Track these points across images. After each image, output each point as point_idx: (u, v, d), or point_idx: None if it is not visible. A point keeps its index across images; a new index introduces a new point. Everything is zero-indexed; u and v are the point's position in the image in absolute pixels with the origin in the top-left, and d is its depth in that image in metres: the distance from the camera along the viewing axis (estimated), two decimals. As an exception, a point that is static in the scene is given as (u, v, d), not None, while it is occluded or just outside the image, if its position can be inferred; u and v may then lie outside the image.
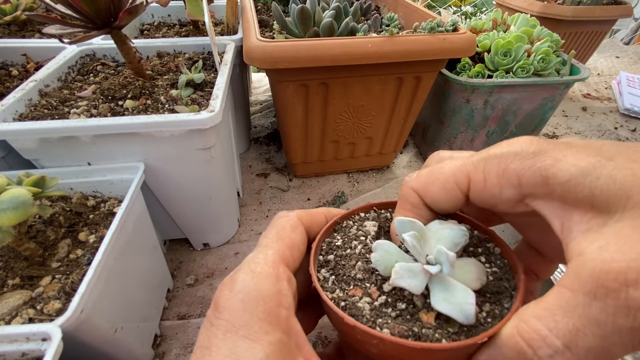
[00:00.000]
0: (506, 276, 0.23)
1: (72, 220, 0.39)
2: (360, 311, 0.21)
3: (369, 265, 0.24)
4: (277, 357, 0.17)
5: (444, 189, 0.22)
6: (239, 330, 0.17)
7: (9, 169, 0.46)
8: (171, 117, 0.39)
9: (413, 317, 0.21)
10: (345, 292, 0.22)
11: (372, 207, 0.28)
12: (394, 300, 0.22)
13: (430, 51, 0.53)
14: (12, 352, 0.27)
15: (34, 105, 0.44)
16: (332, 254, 0.25)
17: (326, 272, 0.24)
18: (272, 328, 0.18)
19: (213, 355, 0.17)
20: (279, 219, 0.25)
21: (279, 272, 0.20)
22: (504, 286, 0.22)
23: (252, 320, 0.18)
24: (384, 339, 0.19)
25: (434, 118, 0.75)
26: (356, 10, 0.60)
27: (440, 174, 0.23)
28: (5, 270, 0.34)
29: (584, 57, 1.07)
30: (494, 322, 0.20)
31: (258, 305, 0.18)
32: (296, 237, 0.23)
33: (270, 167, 0.78)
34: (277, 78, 0.54)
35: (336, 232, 0.27)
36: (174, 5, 0.75)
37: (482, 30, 0.76)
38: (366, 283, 0.23)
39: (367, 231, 0.27)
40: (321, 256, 0.25)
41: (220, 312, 0.18)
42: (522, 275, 0.22)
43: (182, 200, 0.50)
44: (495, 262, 0.24)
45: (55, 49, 0.56)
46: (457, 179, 0.22)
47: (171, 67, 0.54)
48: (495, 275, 0.23)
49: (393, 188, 0.74)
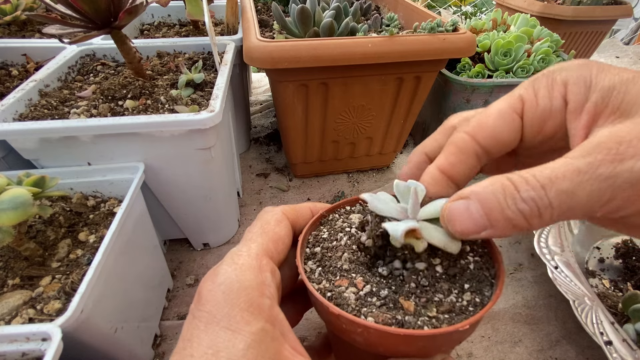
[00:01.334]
0: (487, 265, 0.24)
1: (72, 220, 0.39)
2: (345, 300, 0.21)
3: (355, 256, 0.24)
4: (259, 346, 0.17)
5: (502, 118, 0.22)
6: (220, 321, 0.18)
7: (9, 169, 0.46)
8: (171, 117, 0.39)
9: (396, 306, 0.21)
10: (331, 283, 0.23)
11: (357, 200, 0.29)
12: (378, 289, 0.22)
13: (430, 51, 0.53)
14: (12, 352, 0.27)
15: (34, 105, 0.44)
16: (319, 246, 0.26)
17: (313, 264, 0.25)
18: (254, 318, 0.18)
19: (194, 347, 0.17)
20: (265, 213, 0.25)
21: (261, 263, 0.21)
22: (485, 275, 0.23)
23: (234, 311, 0.18)
24: (368, 326, 0.19)
25: (434, 118, 0.74)
26: (356, 10, 0.60)
27: (493, 108, 0.23)
28: (5, 270, 0.34)
29: (584, 57, 1.07)
30: (475, 310, 0.21)
31: (240, 296, 0.18)
32: (280, 230, 0.24)
33: (270, 167, 0.78)
34: (277, 78, 0.54)
35: (322, 225, 0.27)
36: (174, 5, 0.75)
37: (482, 30, 0.76)
38: (352, 273, 0.23)
39: (353, 223, 0.27)
40: (308, 249, 0.26)
41: (203, 304, 0.18)
42: (502, 264, 0.23)
43: (182, 200, 0.50)
44: (477, 250, 0.25)
45: (55, 49, 0.56)
46: (512, 104, 0.22)
47: (171, 67, 0.54)
48: (477, 265, 0.23)
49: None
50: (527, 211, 0.17)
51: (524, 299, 0.53)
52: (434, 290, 0.22)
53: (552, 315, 0.51)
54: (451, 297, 0.21)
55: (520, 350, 0.47)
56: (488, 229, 0.19)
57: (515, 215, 0.18)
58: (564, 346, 0.47)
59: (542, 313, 0.51)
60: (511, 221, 0.18)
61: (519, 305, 0.52)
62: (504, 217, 0.18)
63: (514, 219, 0.18)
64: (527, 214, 0.17)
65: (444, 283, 0.22)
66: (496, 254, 0.24)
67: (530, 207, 0.17)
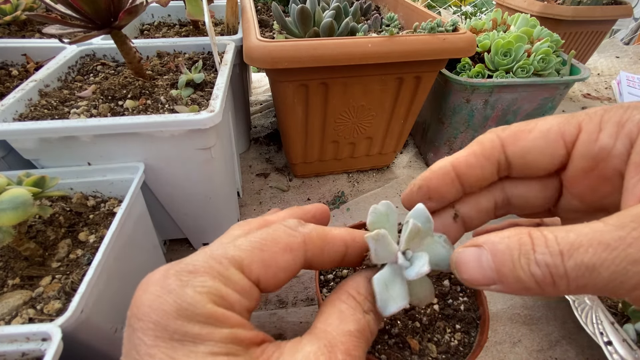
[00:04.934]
0: (473, 307, 0.26)
1: (72, 220, 0.39)
2: None
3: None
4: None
5: (544, 138, 0.19)
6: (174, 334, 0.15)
7: (9, 169, 0.46)
8: (171, 117, 0.39)
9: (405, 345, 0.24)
10: None
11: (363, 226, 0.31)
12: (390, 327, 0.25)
13: (430, 51, 0.53)
14: (12, 352, 0.27)
15: (34, 105, 0.44)
16: (332, 273, 0.28)
17: (327, 291, 0.26)
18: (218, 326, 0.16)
19: None
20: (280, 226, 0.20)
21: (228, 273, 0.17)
22: (472, 317, 0.26)
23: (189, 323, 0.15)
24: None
25: (434, 118, 0.75)
26: (356, 10, 0.60)
27: (540, 124, 0.20)
28: (5, 270, 0.34)
29: (584, 57, 1.07)
30: (465, 351, 0.23)
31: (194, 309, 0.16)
32: (283, 262, 0.18)
33: (270, 167, 0.78)
34: (277, 78, 0.54)
35: None
36: (174, 5, 0.75)
37: (482, 30, 0.76)
38: None
39: None
40: (322, 276, 0.27)
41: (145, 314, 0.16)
42: (487, 308, 0.25)
43: (182, 200, 0.50)
44: (465, 290, 0.28)
45: (55, 49, 0.56)
46: (563, 128, 0.19)
47: (171, 67, 0.54)
48: (466, 305, 0.26)
49: (393, 188, 0.74)
50: (540, 277, 0.15)
51: (522, 299, 0.53)
52: (432, 330, 0.25)
53: (552, 315, 0.51)
54: (446, 337, 0.24)
55: (519, 350, 0.47)
56: (497, 284, 0.17)
57: (527, 278, 0.15)
58: (563, 346, 0.47)
59: (540, 313, 0.51)
60: (522, 283, 0.16)
61: (517, 306, 0.52)
62: (515, 276, 0.16)
63: (525, 282, 0.15)
64: (539, 279, 0.15)
65: (440, 322, 0.25)
66: (482, 298, 0.26)
67: (543, 274, 0.15)
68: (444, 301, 0.25)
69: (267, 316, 0.51)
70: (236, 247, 0.18)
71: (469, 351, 0.22)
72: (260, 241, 0.18)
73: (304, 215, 0.23)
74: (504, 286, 0.16)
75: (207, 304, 0.16)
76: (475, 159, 0.20)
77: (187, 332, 0.15)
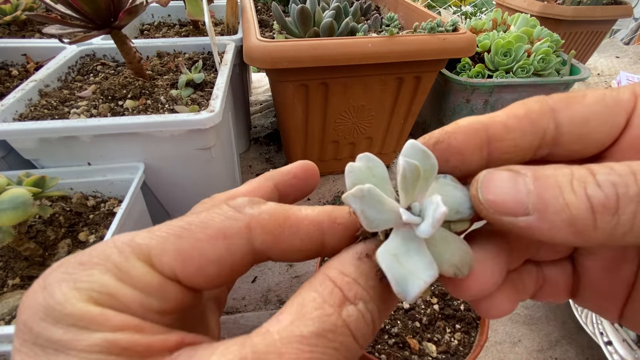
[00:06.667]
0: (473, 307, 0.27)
1: (72, 220, 0.39)
2: None
3: None
4: None
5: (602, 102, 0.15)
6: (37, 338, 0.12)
7: (9, 169, 0.46)
8: (171, 117, 0.39)
9: (404, 345, 0.24)
10: None
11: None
12: (390, 326, 0.25)
13: (430, 51, 0.53)
14: (12, 352, 0.27)
15: (34, 105, 0.44)
16: None
17: None
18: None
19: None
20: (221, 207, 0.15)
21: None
22: (472, 317, 0.26)
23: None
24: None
25: (434, 118, 0.75)
26: (356, 10, 0.60)
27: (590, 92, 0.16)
28: (5, 270, 0.34)
29: (584, 57, 1.07)
30: (465, 351, 0.23)
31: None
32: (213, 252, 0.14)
33: (270, 167, 0.78)
34: (277, 78, 0.54)
35: None
36: (174, 5, 0.75)
37: (482, 30, 0.76)
38: None
39: None
40: None
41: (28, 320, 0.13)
42: None
43: (182, 200, 0.50)
44: None
45: (55, 49, 0.56)
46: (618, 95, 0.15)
47: (171, 67, 0.54)
48: (465, 305, 0.26)
49: (393, 188, 0.74)
50: (600, 198, 0.12)
51: (523, 299, 0.53)
52: (432, 329, 0.25)
53: (551, 315, 0.51)
54: (446, 337, 0.24)
55: (519, 350, 0.47)
56: (530, 214, 0.13)
57: (578, 202, 0.12)
58: (563, 346, 0.47)
59: (540, 313, 0.51)
60: (569, 210, 0.12)
61: (517, 306, 0.52)
62: (560, 203, 0.12)
63: (574, 208, 0.12)
64: (596, 202, 0.12)
65: (440, 322, 0.25)
66: None
67: (606, 194, 0.12)
68: (444, 301, 0.25)
69: (267, 316, 0.51)
70: (150, 233, 0.14)
71: (468, 351, 0.23)
72: (183, 226, 0.15)
73: (283, 177, 0.18)
74: (538, 218, 0.13)
75: (78, 303, 0.12)
76: (517, 121, 0.15)
77: (50, 337, 0.12)
